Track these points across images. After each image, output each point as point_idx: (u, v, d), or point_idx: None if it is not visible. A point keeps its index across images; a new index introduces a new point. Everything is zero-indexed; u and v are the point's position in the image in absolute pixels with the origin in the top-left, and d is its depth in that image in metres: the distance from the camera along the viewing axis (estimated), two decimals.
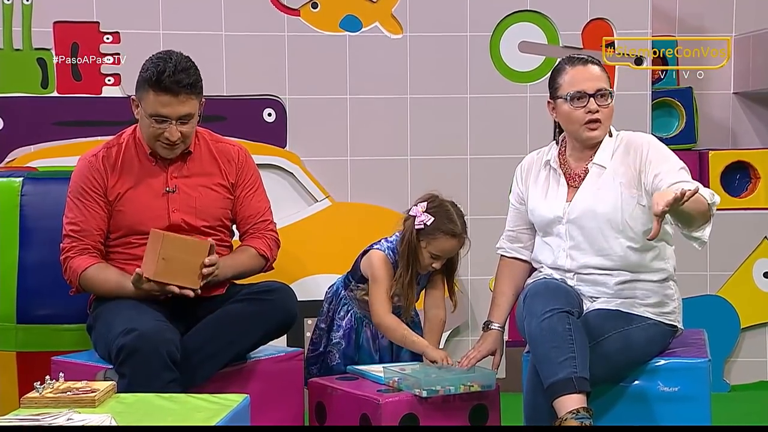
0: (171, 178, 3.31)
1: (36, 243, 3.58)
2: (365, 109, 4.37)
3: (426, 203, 3.42)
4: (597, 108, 3.14)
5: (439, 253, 3.40)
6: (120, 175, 3.30)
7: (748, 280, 4.52)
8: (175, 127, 3.20)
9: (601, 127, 3.16)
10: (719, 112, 4.79)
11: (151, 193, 3.29)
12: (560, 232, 3.20)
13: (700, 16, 4.71)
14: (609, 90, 3.16)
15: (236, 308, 3.21)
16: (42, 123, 4.17)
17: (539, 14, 4.42)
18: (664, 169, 3.05)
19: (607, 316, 3.09)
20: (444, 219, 3.38)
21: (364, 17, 4.36)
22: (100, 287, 3.26)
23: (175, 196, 3.30)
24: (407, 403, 3.15)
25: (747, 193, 4.58)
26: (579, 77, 3.16)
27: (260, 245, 3.40)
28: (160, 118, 3.19)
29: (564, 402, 2.85)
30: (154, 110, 3.18)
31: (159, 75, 3.14)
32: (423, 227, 3.37)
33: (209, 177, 3.36)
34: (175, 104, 3.17)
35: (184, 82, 3.16)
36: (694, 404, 3.07)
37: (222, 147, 3.41)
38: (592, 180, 3.18)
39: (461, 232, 3.39)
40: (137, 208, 3.28)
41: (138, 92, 3.24)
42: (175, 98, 3.16)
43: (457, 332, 4.42)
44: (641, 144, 3.15)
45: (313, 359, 3.54)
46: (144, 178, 3.30)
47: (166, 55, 3.20)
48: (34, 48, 4.15)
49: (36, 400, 2.57)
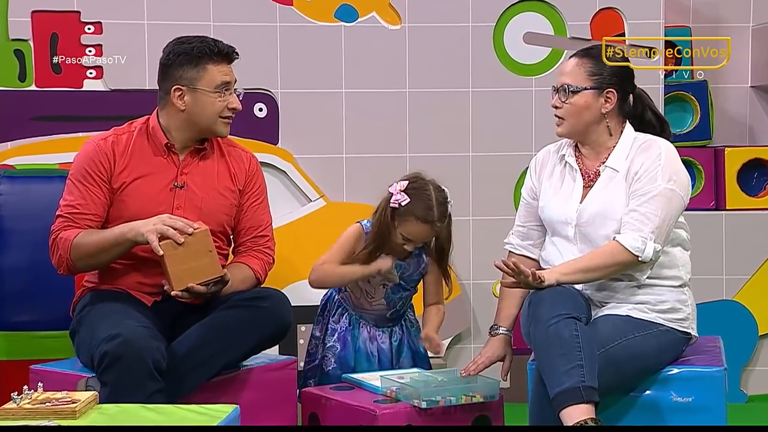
0: (181, 173, 3.33)
1: (14, 246, 3.59)
2: (362, 104, 4.38)
3: (407, 182, 3.43)
4: (558, 103, 3.21)
5: (409, 237, 3.41)
6: (128, 162, 3.31)
7: (766, 284, 4.52)
8: (238, 95, 3.37)
9: (563, 124, 3.23)
10: (736, 106, 4.80)
11: (158, 186, 3.31)
12: (569, 234, 3.21)
13: (715, 5, 4.72)
14: (571, 86, 3.18)
15: (227, 315, 3.22)
16: (19, 118, 4.17)
17: (546, 3, 4.43)
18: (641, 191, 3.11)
19: (616, 323, 3.10)
20: (419, 203, 3.39)
21: (360, 7, 4.36)
22: (95, 246, 3.20)
23: (182, 193, 3.32)
24: (406, 415, 3.16)
25: (765, 193, 4.59)
26: (560, 70, 3.28)
27: (257, 267, 3.41)
28: (227, 87, 3.33)
29: (571, 412, 2.86)
30: (221, 80, 3.31)
31: (211, 47, 3.31)
32: (397, 207, 3.39)
33: (219, 179, 3.38)
34: (231, 73, 3.36)
35: (232, 48, 3.37)
36: (709, 415, 3.08)
37: (234, 151, 3.45)
38: (604, 183, 3.20)
39: (435, 219, 3.39)
40: (142, 200, 3.28)
41: (185, 76, 3.29)
42: (230, 67, 3.36)
43: (459, 339, 4.43)
44: (654, 151, 3.16)
45: (310, 372, 3.55)
46: (153, 170, 3.32)
47: (194, 36, 3.35)
48: (10, 39, 4.15)
49: (13, 412, 2.58)
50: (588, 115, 3.20)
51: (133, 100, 4.12)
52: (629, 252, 3.05)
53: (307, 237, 4.25)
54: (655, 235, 3.06)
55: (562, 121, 3.22)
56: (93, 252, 3.21)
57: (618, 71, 3.23)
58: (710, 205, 4.55)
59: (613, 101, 3.21)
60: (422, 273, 3.54)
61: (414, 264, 3.51)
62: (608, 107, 3.21)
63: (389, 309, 3.54)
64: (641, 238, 3.05)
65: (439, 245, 3.50)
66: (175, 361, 3.09)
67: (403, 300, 3.55)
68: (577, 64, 3.21)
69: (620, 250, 3.06)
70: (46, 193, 3.43)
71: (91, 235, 3.22)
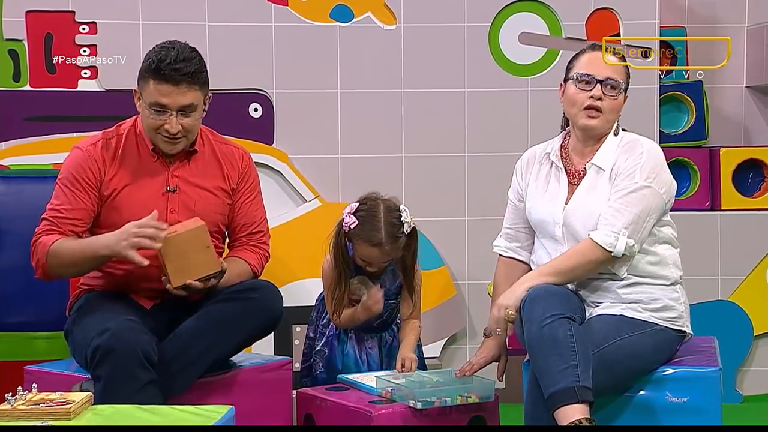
0: (172, 177, 3.32)
1: (8, 246, 3.59)
2: (357, 104, 4.38)
3: (358, 204, 3.44)
4: (601, 95, 3.17)
5: (363, 259, 3.43)
6: (119, 168, 3.29)
7: (761, 284, 4.54)
8: (175, 118, 3.21)
9: (600, 118, 3.19)
10: (731, 107, 4.80)
11: (150, 192, 3.29)
12: (556, 234, 3.22)
13: (711, 5, 4.73)
14: (620, 82, 3.19)
15: (218, 308, 3.22)
16: (13, 118, 4.17)
17: (541, 3, 4.43)
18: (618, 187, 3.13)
19: (610, 322, 3.10)
20: (366, 225, 3.40)
21: (355, 7, 4.37)
22: (70, 258, 3.18)
23: (175, 197, 3.31)
24: (401, 415, 3.17)
25: (760, 193, 4.59)
26: (594, 61, 3.22)
27: (253, 261, 3.42)
28: (160, 108, 3.21)
29: (565, 412, 2.87)
30: (154, 99, 3.20)
31: (159, 63, 3.18)
32: (348, 230, 3.40)
33: (212, 179, 3.37)
34: (175, 94, 3.19)
35: (184, 70, 3.19)
36: (704, 416, 3.08)
37: (226, 149, 3.43)
38: (590, 182, 3.21)
39: (382, 242, 3.38)
40: (134, 207, 3.26)
41: (139, 83, 3.27)
42: (175, 87, 3.19)
43: (454, 340, 4.44)
44: (638, 151, 3.17)
45: (305, 371, 3.57)
46: (144, 175, 3.30)
47: (169, 45, 3.25)
48: (5, 39, 4.15)
49: (7, 413, 2.58)
50: (618, 115, 3.23)
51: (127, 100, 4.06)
52: (601, 248, 3.06)
53: (303, 237, 4.25)
54: (629, 231, 3.07)
55: (600, 115, 3.19)
56: (68, 262, 3.21)
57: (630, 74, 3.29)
58: (705, 206, 4.56)
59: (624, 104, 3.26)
60: (400, 284, 3.55)
61: (390, 278, 3.53)
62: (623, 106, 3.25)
63: (376, 319, 3.54)
64: (613, 233, 3.07)
65: (402, 262, 3.50)
66: (169, 357, 3.10)
67: (390, 310, 3.56)
68: (619, 61, 3.23)
69: (592, 246, 3.08)
70: (40, 193, 3.42)
71: (70, 244, 3.20)
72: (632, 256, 3.11)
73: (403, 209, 3.44)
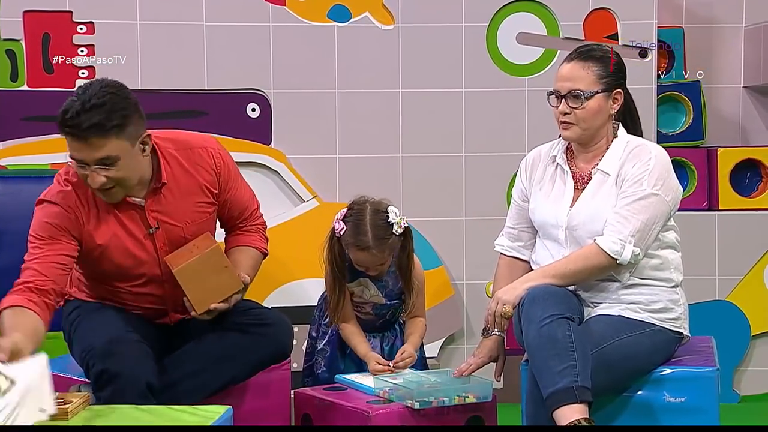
0: (150, 215, 3.13)
1: (6, 246, 3.59)
2: (355, 104, 4.38)
3: (347, 210, 3.44)
4: (566, 109, 3.17)
5: (357, 263, 3.44)
6: (97, 221, 3.09)
7: (759, 284, 4.54)
8: (96, 173, 2.93)
9: (573, 128, 3.19)
10: (728, 107, 4.80)
11: (135, 237, 3.12)
12: (559, 237, 3.22)
13: (709, 5, 4.73)
14: (582, 91, 3.16)
15: (227, 340, 3.16)
16: (11, 118, 4.17)
17: (538, 3, 4.44)
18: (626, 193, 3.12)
19: (609, 323, 3.11)
20: (353, 230, 3.40)
21: (353, 7, 4.37)
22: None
23: (160, 233, 3.15)
24: (399, 415, 3.17)
25: (757, 193, 4.60)
26: (558, 75, 3.21)
27: (259, 243, 3.40)
28: (78, 162, 2.93)
29: (564, 412, 2.87)
30: (70, 153, 2.94)
31: (63, 115, 2.88)
32: (339, 236, 3.42)
33: (191, 197, 3.19)
34: (85, 149, 2.89)
35: (86, 124, 2.86)
36: (702, 416, 3.09)
37: (193, 156, 3.20)
38: (595, 187, 3.20)
39: (369, 245, 3.37)
40: (124, 256, 3.13)
41: None
42: (83, 143, 2.89)
43: (452, 340, 4.44)
44: (644, 156, 3.15)
45: (307, 370, 3.57)
46: (121, 223, 3.11)
47: (83, 89, 2.95)
48: (2, 38, 4.15)
49: None
50: (600, 119, 3.19)
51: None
52: (607, 254, 3.06)
53: (300, 237, 4.24)
54: (635, 239, 3.07)
55: (572, 126, 3.18)
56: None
57: (620, 70, 3.24)
58: (703, 206, 4.56)
59: (620, 101, 3.22)
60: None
61: (392, 279, 3.52)
62: (615, 108, 3.21)
63: (379, 319, 3.55)
64: (620, 240, 3.06)
65: (398, 263, 3.50)
66: (171, 382, 3.07)
67: (393, 310, 3.56)
68: (583, 68, 3.17)
69: (597, 252, 3.07)
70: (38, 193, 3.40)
71: (10, 321, 2.86)
72: (637, 263, 3.11)
73: (391, 210, 3.42)
